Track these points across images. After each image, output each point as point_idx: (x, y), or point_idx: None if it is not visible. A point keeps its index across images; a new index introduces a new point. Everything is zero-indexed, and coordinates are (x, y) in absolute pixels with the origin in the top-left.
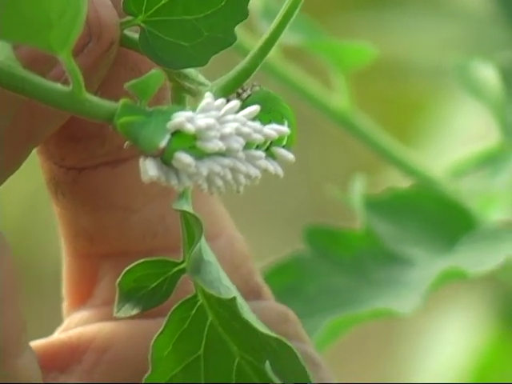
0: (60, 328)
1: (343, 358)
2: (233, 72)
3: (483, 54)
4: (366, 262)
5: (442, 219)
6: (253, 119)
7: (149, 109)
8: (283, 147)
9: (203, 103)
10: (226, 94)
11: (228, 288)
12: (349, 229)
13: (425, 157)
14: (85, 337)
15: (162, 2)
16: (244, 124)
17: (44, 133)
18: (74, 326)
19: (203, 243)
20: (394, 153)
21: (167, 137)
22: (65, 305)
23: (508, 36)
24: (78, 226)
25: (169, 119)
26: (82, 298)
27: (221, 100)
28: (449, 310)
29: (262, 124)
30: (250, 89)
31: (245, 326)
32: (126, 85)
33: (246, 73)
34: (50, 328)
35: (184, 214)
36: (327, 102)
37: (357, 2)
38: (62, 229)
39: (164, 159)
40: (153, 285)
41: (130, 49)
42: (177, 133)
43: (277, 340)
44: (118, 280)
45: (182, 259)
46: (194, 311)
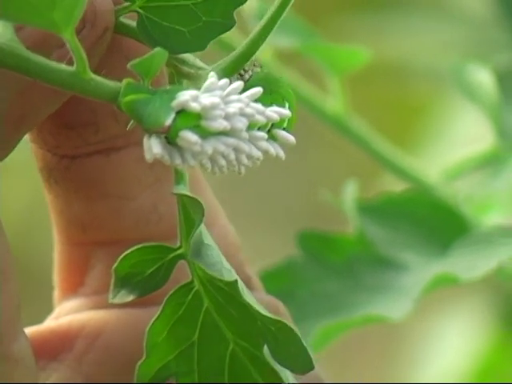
0: (50, 316)
1: (344, 363)
2: (233, 54)
3: (482, 57)
4: (359, 267)
5: (435, 223)
6: (255, 101)
7: (153, 88)
8: (284, 129)
9: (207, 83)
10: (227, 76)
11: (229, 271)
12: (341, 233)
13: (421, 160)
14: (75, 324)
15: None
16: (247, 105)
17: (37, 117)
18: (65, 314)
19: (202, 227)
20: (389, 157)
21: (172, 115)
22: (56, 293)
23: (508, 38)
24: (71, 214)
25: (173, 98)
26: (73, 287)
27: (224, 80)
28: (449, 314)
29: (264, 106)
30: (252, 70)
31: (242, 311)
32: (130, 64)
33: (246, 55)
34: None
35: (182, 199)
36: (322, 106)
37: (356, 4)
38: (54, 217)
39: (169, 138)
40: (149, 271)
41: (126, 36)
42: (181, 111)
43: (278, 323)
44: (114, 266)
45: (179, 245)
46: (190, 297)
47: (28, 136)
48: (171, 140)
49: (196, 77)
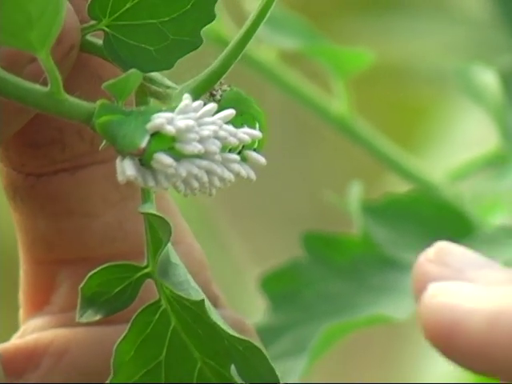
0: (16, 335)
1: (347, 363)
2: (204, 73)
3: (485, 59)
4: (363, 268)
5: (440, 224)
6: (227, 122)
7: (127, 109)
8: (254, 150)
9: (182, 105)
10: (197, 97)
11: (197, 290)
12: (346, 234)
13: (426, 162)
14: (41, 342)
15: (127, 6)
16: (220, 127)
17: (2, 135)
18: (30, 333)
19: (169, 246)
20: (394, 158)
21: (147, 137)
22: (21, 312)
23: (510, 40)
24: (36, 233)
25: (148, 120)
26: (39, 306)
27: (198, 102)
28: None
29: (235, 127)
30: (221, 89)
31: (209, 331)
32: (104, 85)
33: (218, 74)
34: None
35: (148, 218)
36: (326, 107)
37: (359, 6)
38: (20, 235)
39: (143, 160)
40: (116, 289)
41: (92, 54)
42: (156, 134)
43: (244, 342)
44: (81, 285)
45: (146, 264)
46: (157, 316)
47: None
48: (145, 162)
49: (164, 95)
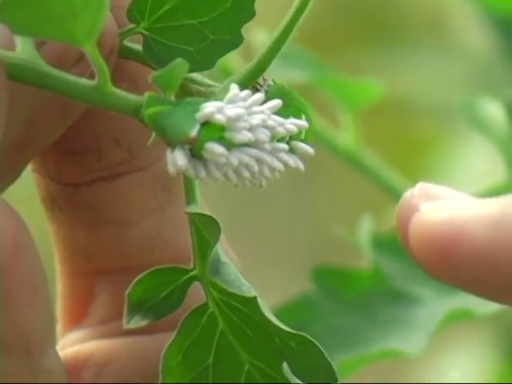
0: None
1: None
2: (247, 68)
3: (489, 92)
4: (374, 302)
5: None
6: (273, 114)
7: (174, 100)
8: (302, 141)
9: (230, 94)
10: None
11: (248, 287)
12: (356, 268)
13: None
14: (82, 354)
15: (165, 8)
16: (269, 117)
17: (42, 142)
18: (70, 346)
19: (218, 245)
20: (402, 190)
21: (197, 126)
22: (59, 326)
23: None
24: (75, 243)
25: (197, 110)
26: (77, 319)
27: (246, 91)
28: (456, 348)
29: (283, 117)
30: (265, 84)
31: (258, 330)
32: (151, 77)
33: (260, 68)
34: None
35: (194, 219)
36: (334, 140)
37: (365, 40)
38: (58, 247)
39: (194, 150)
40: (163, 294)
41: (130, 59)
42: (206, 123)
43: (297, 337)
44: (127, 291)
45: (193, 266)
46: (205, 319)
47: (30, 166)
48: (195, 152)
49: (207, 94)
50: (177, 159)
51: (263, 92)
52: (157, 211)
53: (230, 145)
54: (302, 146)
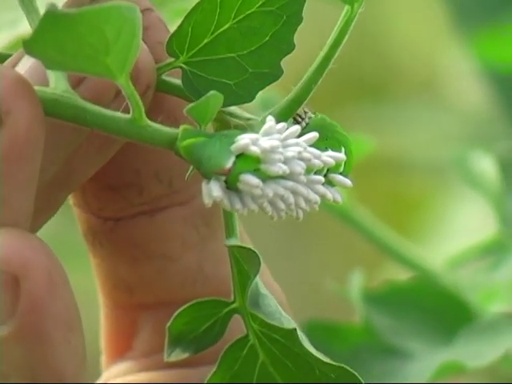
0: (99, 380)
1: None
2: (286, 99)
3: (481, 147)
4: (365, 356)
5: (441, 312)
6: (311, 146)
7: (210, 133)
8: (340, 174)
9: (266, 126)
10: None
11: (288, 319)
12: (347, 323)
13: (425, 250)
14: None
15: (205, 42)
16: (305, 149)
17: (80, 178)
18: (114, 378)
19: (257, 278)
20: (394, 246)
21: (232, 158)
22: (103, 359)
23: (505, 128)
24: (117, 277)
25: (233, 141)
26: (121, 351)
27: (282, 124)
28: None
29: (320, 151)
30: (307, 116)
31: (298, 362)
32: (186, 109)
33: (299, 100)
34: None
35: (234, 252)
36: None
37: (357, 97)
38: (100, 281)
39: (229, 182)
40: (204, 327)
41: (169, 93)
42: (241, 155)
43: (338, 369)
44: (168, 324)
45: (233, 299)
46: (246, 351)
47: (71, 200)
48: (230, 184)
49: (245, 128)
50: (212, 190)
51: (304, 124)
52: (198, 245)
53: (266, 177)
54: (340, 179)
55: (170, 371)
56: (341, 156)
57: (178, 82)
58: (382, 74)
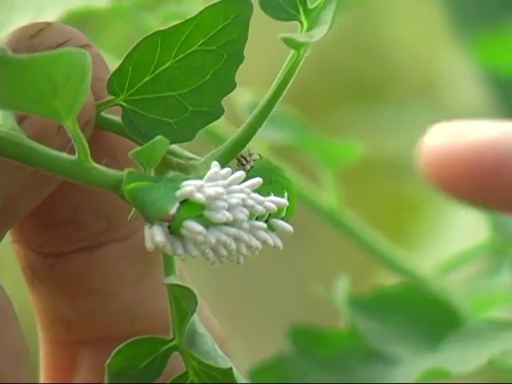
0: None
1: None
2: (227, 143)
3: None
4: (350, 361)
5: (428, 317)
6: (254, 190)
7: (155, 177)
8: (282, 219)
9: (211, 172)
10: (222, 166)
11: (224, 358)
12: (332, 328)
13: (415, 255)
14: None
15: (145, 80)
16: (248, 195)
17: (17, 215)
18: None
19: (195, 316)
20: (383, 251)
21: (176, 204)
22: None
23: None
24: (56, 313)
25: (177, 187)
26: None
27: (227, 169)
28: None
29: (262, 195)
30: (252, 159)
31: None
32: (131, 153)
33: (240, 144)
34: None
35: (173, 290)
36: (316, 200)
37: (354, 100)
38: (39, 316)
39: (172, 227)
40: (143, 364)
41: (109, 130)
42: (185, 201)
43: None
44: (107, 361)
45: (172, 336)
46: None
47: (10, 236)
48: (174, 229)
49: (187, 167)
50: (155, 235)
51: (248, 167)
52: (137, 281)
53: (209, 223)
54: (281, 224)
55: None
56: (283, 201)
57: (118, 120)
58: (381, 77)
